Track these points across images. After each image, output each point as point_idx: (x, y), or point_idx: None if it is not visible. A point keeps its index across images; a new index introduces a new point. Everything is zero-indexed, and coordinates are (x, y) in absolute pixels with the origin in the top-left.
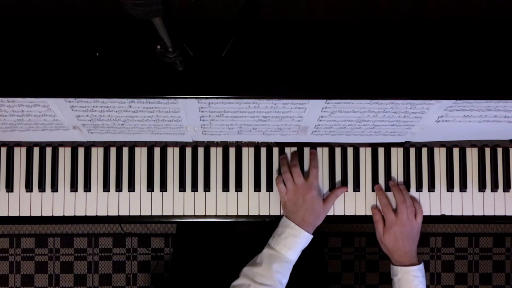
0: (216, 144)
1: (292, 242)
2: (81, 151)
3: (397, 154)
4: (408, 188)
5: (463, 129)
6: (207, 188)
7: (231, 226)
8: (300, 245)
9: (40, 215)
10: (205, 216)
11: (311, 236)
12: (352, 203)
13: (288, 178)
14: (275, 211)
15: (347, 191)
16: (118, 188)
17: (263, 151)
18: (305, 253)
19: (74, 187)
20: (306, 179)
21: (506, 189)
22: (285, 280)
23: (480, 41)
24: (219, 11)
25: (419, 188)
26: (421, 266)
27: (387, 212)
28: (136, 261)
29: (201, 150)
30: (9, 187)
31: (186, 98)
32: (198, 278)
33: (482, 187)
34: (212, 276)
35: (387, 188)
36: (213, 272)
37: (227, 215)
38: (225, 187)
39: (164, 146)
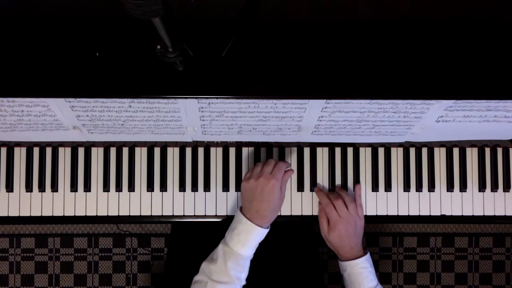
0: (216, 144)
1: (245, 238)
2: (81, 151)
3: (397, 154)
4: (408, 188)
5: (463, 129)
6: (207, 188)
7: (226, 225)
8: (253, 241)
9: (40, 215)
10: (205, 216)
11: (266, 231)
12: None
13: (259, 165)
14: None
15: (293, 173)
16: (118, 188)
17: (263, 151)
18: (300, 256)
19: (74, 187)
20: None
21: (506, 189)
22: (243, 275)
23: (480, 41)
24: (219, 11)
25: (419, 188)
26: (367, 256)
27: (330, 211)
28: (136, 261)
29: (201, 150)
30: (9, 187)
31: (186, 98)
32: (192, 277)
33: (482, 187)
34: None
35: (388, 189)
36: None
37: (227, 215)
38: (225, 187)
39: (164, 146)
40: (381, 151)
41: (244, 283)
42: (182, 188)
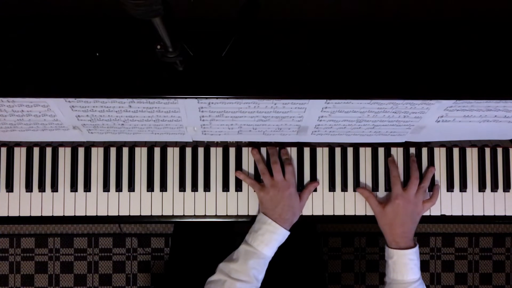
0: (216, 144)
1: (269, 239)
2: (81, 151)
3: (397, 154)
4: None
5: (463, 129)
6: (207, 188)
7: (229, 226)
8: (276, 242)
9: (40, 215)
10: (205, 216)
11: (288, 233)
12: (352, 203)
13: (266, 174)
14: None
15: (318, 185)
16: (118, 188)
17: (263, 151)
18: (303, 256)
19: (74, 187)
20: (283, 176)
21: (506, 189)
22: (261, 276)
23: (480, 41)
24: (219, 11)
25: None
26: (417, 248)
27: (396, 183)
28: (136, 261)
29: (201, 150)
30: (9, 187)
31: (186, 98)
32: (195, 277)
33: (482, 187)
34: (209, 275)
35: (388, 189)
36: (210, 272)
37: (227, 215)
38: (225, 187)
39: (164, 146)
40: (381, 151)
41: (259, 286)
42: (182, 188)
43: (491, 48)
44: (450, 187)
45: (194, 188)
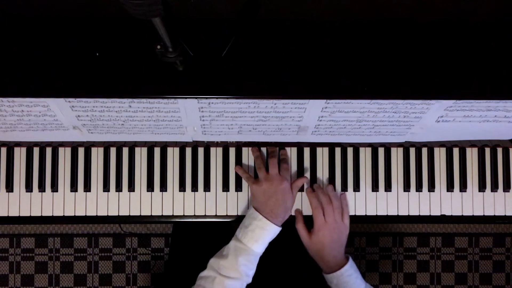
0: (216, 144)
1: (259, 235)
2: (81, 151)
3: (397, 154)
4: (408, 188)
5: (463, 129)
6: (207, 188)
7: (229, 226)
8: (267, 238)
9: (40, 215)
10: (205, 216)
11: (279, 229)
12: (352, 203)
13: (261, 168)
14: None
15: (307, 181)
16: (118, 188)
17: (263, 151)
18: (302, 255)
19: (74, 187)
20: (278, 171)
21: (506, 189)
22: (251, 272)
23: (480, 41)
24: (219, 11)
25: (419, 188)
26: (350, 261)
27: (318, 214)
28: (136, 261)
29: (201, 150)
30: (9, 187)
31: (186, 98)
32: (194, 277)
33: (482, 187)
34: None
35: (387, 189)
36: None
37: (227, 215)
38: (225, 187)
39: (164, 146)
40: (381, 151)
41: (250, 281)
42: (182, 188)
43: (491, 48)
44: (450, 187)
45: (194, 188)
